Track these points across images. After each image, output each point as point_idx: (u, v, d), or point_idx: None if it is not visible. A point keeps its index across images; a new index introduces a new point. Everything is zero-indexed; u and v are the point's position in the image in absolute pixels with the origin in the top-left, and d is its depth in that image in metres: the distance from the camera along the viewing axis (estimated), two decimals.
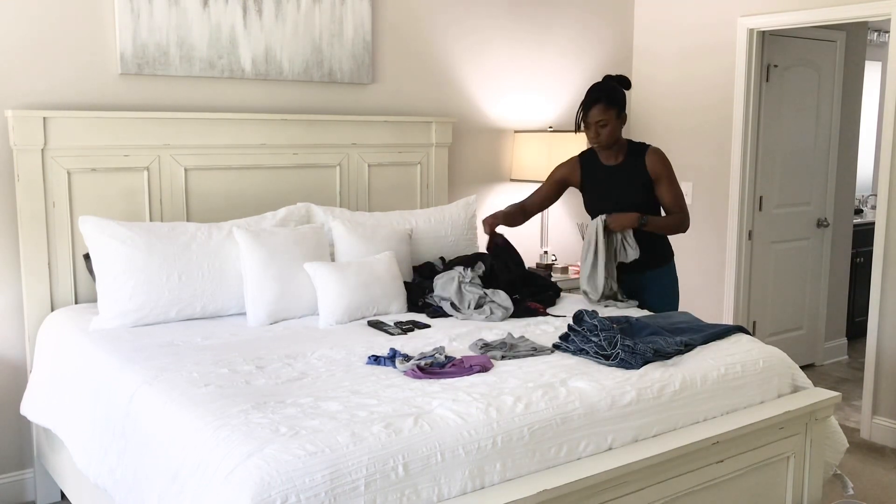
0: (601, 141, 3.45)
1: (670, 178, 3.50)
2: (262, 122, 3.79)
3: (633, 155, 3.52)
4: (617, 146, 3.52)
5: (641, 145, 3.56)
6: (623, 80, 3.54)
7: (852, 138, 5.62)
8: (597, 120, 3.41)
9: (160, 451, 2.19)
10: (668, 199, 3.50)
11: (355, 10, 4.09)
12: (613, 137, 3.46)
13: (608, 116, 3.41)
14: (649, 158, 3.49)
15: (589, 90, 3.47)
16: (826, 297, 5.58)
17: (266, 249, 3.27)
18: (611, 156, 3.55)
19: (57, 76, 3.39)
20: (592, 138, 3.47)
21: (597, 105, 3.40)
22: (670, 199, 3.50)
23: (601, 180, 3.57)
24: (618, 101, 3.45)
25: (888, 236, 4.21)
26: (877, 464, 4.01)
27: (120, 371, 2.62)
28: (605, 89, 3.45)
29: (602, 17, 5.17)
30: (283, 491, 1.84)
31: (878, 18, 4.27)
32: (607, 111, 3.40)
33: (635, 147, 3.55)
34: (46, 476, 3.44)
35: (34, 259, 3.32)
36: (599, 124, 3.41)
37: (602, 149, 3.52)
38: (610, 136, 3.45)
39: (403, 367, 2.56)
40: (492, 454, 2.14)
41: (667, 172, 3.49)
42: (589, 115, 3.42)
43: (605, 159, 3.56)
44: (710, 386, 2.63)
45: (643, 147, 3.54)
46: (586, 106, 3.43)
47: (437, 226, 3.96)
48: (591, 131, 3.44)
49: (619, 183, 3.52)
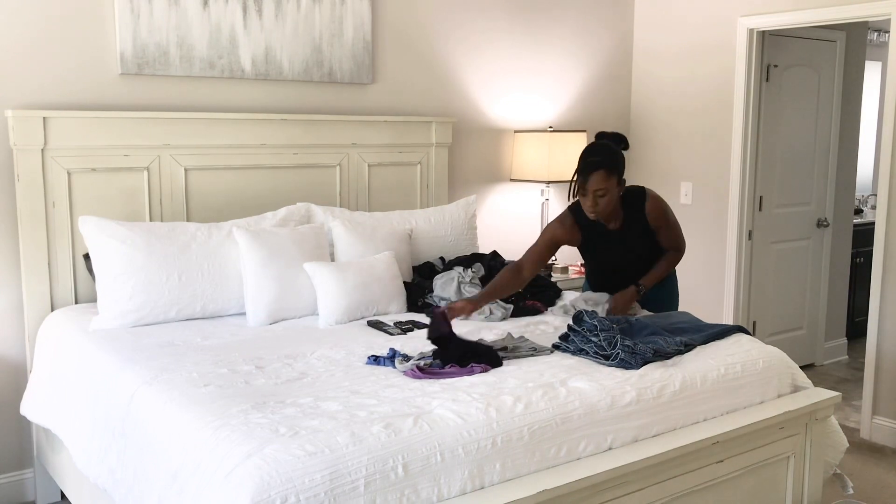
0: (598, 211, 3.13)
1: (668, 223, 3.32)
2: (261, 122, 3.79)
3: (632, 211, 3.26)
4: (615, 212, 3.24)
5: (637, 197, 3.28)
6: (621, 139, 3.26)
7: (852, 138, 5.62)
8: (595, 189, 3.08)
9: (160, 451, 2.19)
10: (667, 242, 3.36)
11: (355, 10, 4.09)
12: (611, 207, 3.16)
13: (609, 185, 3.08)
14: (649, 213, 3.27)
15: (586, 153, 3.14)
16: (826, 297, 5.58)
17: (266, 249, 3.27)
18: (611, 222, 3.28)
19: (57, 76, 3.39)
20: (589, 207, 3.13)
21: (597, 172, 3.06)
22: (669, 242, 3.36)
23: (605, 244, 3.33)
24: (619, 168, 3.12)
25: (888, 236, 4.21)
26: (877, 464, 4.01)
27: (120, 371, 2.62)
28: (605, 154, 3.12)
29: (602, 16, 5.16)
30: (283, 491, 1.84)
31: (878, 18, 4.27)
32: (608, 179, 3.07)
33: (631, 201, 3.26)
34: (46, 476, 3.44)
35: (34, 259, 3.32)
36: (598, 193, 3.08)
37: (599, 219, 3.22)
38: (608, 205, 3.13)
39: (403, 367, 2.56)
40: (491, 454, 2.14)
41: (665, 220, 3.31)
42: (588, 184, 3.08)
43: (605, 223, 3.28)
44: (710, 386, 2.63)
45: (640, 200, 3.27)
46: (585, 172, 3.09)
47: (437, 226, 3.96)
48: (589, 200, 3.11)
49: (625, 244, 3.31)
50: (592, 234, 3.31)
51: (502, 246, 4.54)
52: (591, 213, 3.16)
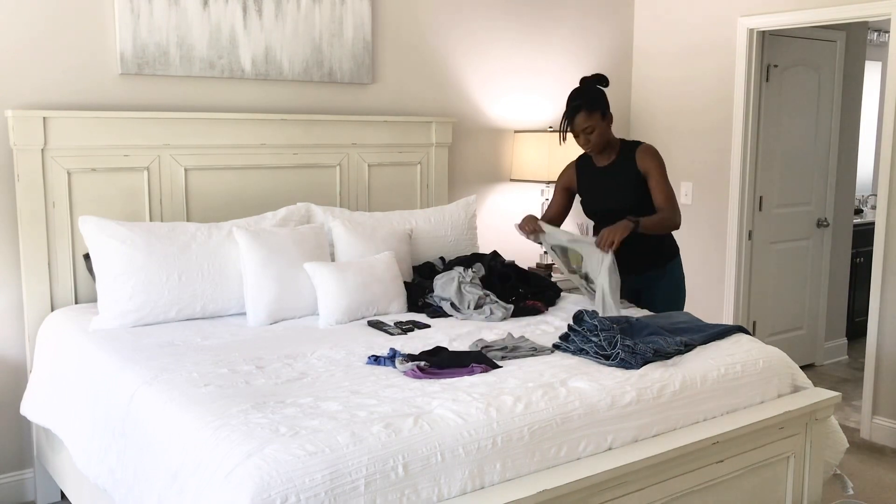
0: (592, 146, 3.44)
1: (660, 173, 3.42)
2: (261, 122, 3.79)
3: (625, 153, 3.50)
4: (609, 147, 3.51)
5: (633, 143, 3.53)
6: (601, 79, 3.47)
7: (852, 138, 5.62)
8: (583, 128, 3.38)
9: (160, 451, 2.19)
10: (658, 195, 3.41)
11: (355, 10, 4.09)
12: (604, 139, 3.44)
13: (593, 121, 3.38)
14: (639, 155, 3.45)
15: (568, 99, 3.43)
16: (826, 297, 5.58)
17: (266, 249, 3.28)
18: (604, 157, 3.53)
19: (57, 76, 3.39)
20: (583, 145, 3.45)
21: (579, 113, 3.37)
22: (660, 196, 3.41)
23: (595, 182, 3.55)
24: (599, 104, 3.40)
25: (888, 236, 4.21)
26: (877, 464, 4.01)
27: (120, 371, 2.62)
28: (584, 95, 3.40)
29: (602, 16, 5.17)
30: (283, 491, 1.84)
31: (878, 18, 4.27)
32: (591, 116, 3.37)
33: (627, 146, 3.52)
34: (46, 476, 3.44)
35: (34, 259, 3.32)
36: (586, 131, 3.39)
37: (595, 153, 3.51)
38: (599, 139, 3.42)
39: (403, 367, 2.56)
40: (492, 454, 2.14)
41: (656, 168, 3.42)
42: (574, 125, 3.39)
43: (598, 161, 3.55)
44: (710, 386, 2.63)
45: (634, 145, 3.52)
46: (569, 116, 3.39)
47: (437, 226, 3.96)
48: (581, 139, 3.43)
49: (612, 183, 3.49)
50: (586, 172, 3.61)
51: (502, 246, 4.54)
52: (586, 149, 3.48)
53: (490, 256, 3.89)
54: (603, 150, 3.49)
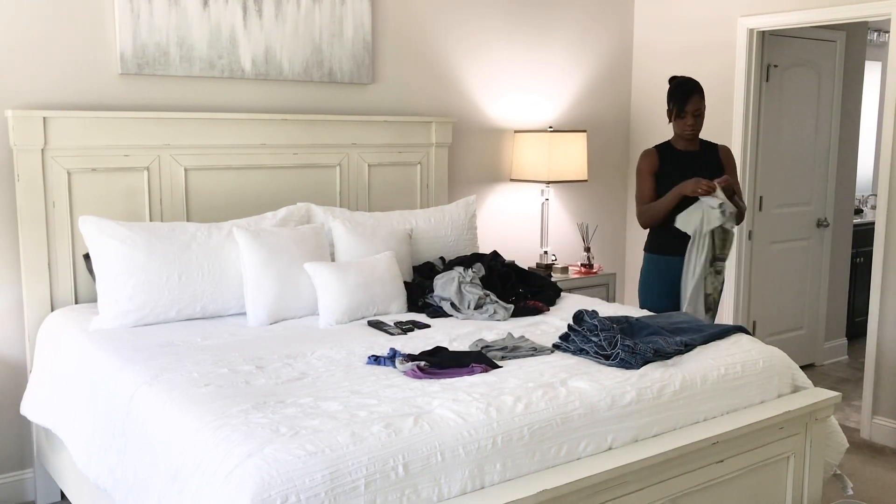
0: (696, 129, 3.73)
1: (735, 169, 3.84)
2: (261, 122, 3.79)
3: (707, 146, 3.83)
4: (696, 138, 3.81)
5: (710, 142, 3.87)
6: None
7: (852, 138, 5.62)
8: (694, 109, 3.68)
9: (160, 451, 2.19)
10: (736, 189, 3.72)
11: (355, 10, 4.09)
12: (702, 126, 3.76)
13: (703, 106, 3.71)
14: (722, 151, 3.84)
15: (681, 83, 3.72)
16: (826, 297, 5.58)
17: (266, 249, 3.28)
18: (690, 145, 3.80)
19: (57, 76, 3.39)
20: (689, 126, 3.70)
21: (694, 95, 3.68)
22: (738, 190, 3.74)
23: (680, 164, 3.75)
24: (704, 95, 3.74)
25: (888, 236, 4.21)
26: (877, 464, 4.01)
27: (120, 371, 2.62)
28: (695, 82, 3.71)
29: (602, 16, 5.17)
30: (283, 491, 1.84)
31: (878, 18, 4.27)
32: (702, 101, 3.71)
33: (706, 143, 3.86)
34: (46, 476, 3.44)
35: (34, 259, 3.32)
36: (695, 113, 3.69)
37: (693, 137, 3.76)
38: (701, 125, 3.74)
39: (403, 367, 2.56)
40: (492, 454, 2.14)
41: (734, 165, 3.84)
42: (688, 105, 3.67)
43: (683, 147, 3.80)
44: (710, 386, 2.63)
45: (713, 143, 3.87)
46: (685, 96, 3.68)
47: (437, 226, 3.96)
48: (688, 120, 3.69)
49: (699, 167, 3.72)
50: (669, 156, 3.80)
51: (502, 246, 4.55)
52: (689, 132, 3.72)
53: (490, 256, 3.89)
54: (698, 136, 3.79)
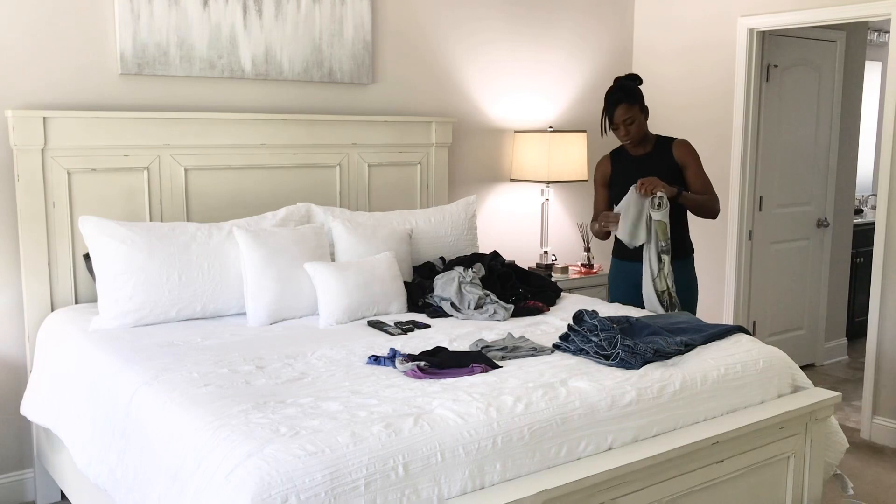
0: (632, 136, 3.59)
1: (698, 164, 3.62)
2: (262, 122, 3.79)
3: (661, 145, 3.68)
4: (646, 140, 3.66)
5: (668, 138, 3.71)
6: (634, 77, 3.65)
7: (852, 138, 5.62)
8: (623, 119, 3.54)
9: (160, 451, 2.19)
10: (697, 184, 3.60)
11: (355, 10, 4.09)
12: (642, 130, 3.61)
13: (633, 113, 3.55)
14: (676, 148, 3.64)
15: (607, 94, 3.59)
16: (826, 297, 5.58)
17: (266, 249, 3.27)
18: (640, 148, 3.68)
19: (57, 76, 3.39)
20: (623, 136, 3.60)
21: (619, 105, 3.54)
22: (699, 185, 3.61)
23: (630, 170, 3.63)
24: (637, 97, 3.58)
25: (888, 236, 4.21)
26: (877, 464, 4.01)
27: (120, 371, 2.62)
28: (622, 89, 3.57)
29: (602, 16, 5.17)
30: (283, 491, 1.84)
31: (878, 18, 4.27)
32: (630, 108, 3.54)
33: (663, 140, 3.70)
34: (46, 476, 3.44)
35: (34, 259, 3.32)
36: (626, 122, 3.55)
37: (634, 144, 3.64)
38: (639, 130, 3.59)
39: (403, 367, 2.56)
40: (492, 454, 2.14)
41: (694, 159, 3.62)
42: (615, 116, 3.55)
43: (634, 151, 3.68)
44: (710, 386, 2.63)
45: (670, 139, 3.69)
46: (609, 109, 3.56)
47: (437, 226, 3.96)
48: (621, 131, 3.58)
49: (647, 171, 3.57)
50: (620, 162, 3.73)
51: (502, 246, 4.55)
52: (626, 140, 3.61)
53: (490, 256, 3.89)
54: (640, 142, 3.64)
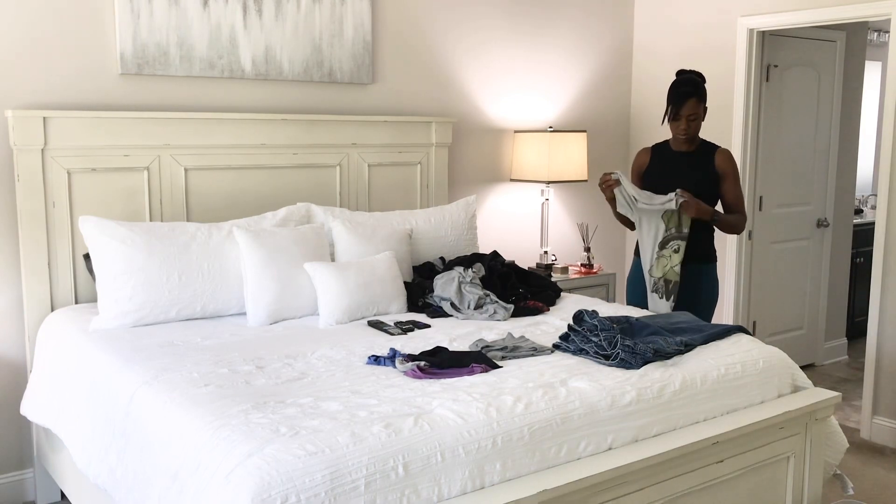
0: (690, 133, 3.60)
1: (736, 177, 3.64)
2: (261, 122, 3.79)
3: (705, 149, 3.68)
4: (694, 140, 3.68)
5: (712, 144, 3.71)
6: (700, 74, 3.66)
7: (852, 138, 5.62)
8: (689, 114, 3.55)
9: (160, 451, 2.19)
10: (731, 197, 3.63)
11: (355, 10, 4.09)
12: (699, 129, 3.64)
13: (699, 110, 3.58)
14: (719, 156, 3.64)
15: (678, 84, 3.59)
16: (826, 297, 5.58)
17: (266, 249, 3.28)
18: (684, 146, 3.68)
19: (57, 76, 3.39)
20: (682, 130, 3.60)
21: (690, 99, 3.54)
22: (733, 198, 3.64)
23: (670, 164, 3.67)
24: (705, 96, 3.60)
25: (888, 236, 4.21)
26: (877, 464, 4.01)
27: (120, 371, 2.62)
28: (694, 84, 3.58)
29: (602, 16, 5.17)
30: (283, 491, 1.84)
31: (878, 18, 4.27)
32: (698, 105, 3.57)
33: (707, 145, 3.70)
34: (46, 476, 3.44)
35: (34, 259, 3.32)
36: (690, 118, 3.56)
37: (687, 141, 3.65)
38: (697, 128, 3.61)
39: (403, 367, 2.56)
40: (492, 454, 2.14)
41: (733, 171, 3.63)
42: (682, 109, 3.55)
43: (678, 147, 3.70)
44: (710, 386, 2.63)
45: (714, 145, 3.70)
46: (679, 100, 3.56)
47: (437, 226, 3.96)
48: (682, 125, 3.58)
49: (688, 169, 3.62)
50: (662, 154, 3.74)
51: (502, 246, 4.55)
52: (683, 135, 3.61)
53: (490, 256, 3.89)
54: (694, 140, 3.67)
